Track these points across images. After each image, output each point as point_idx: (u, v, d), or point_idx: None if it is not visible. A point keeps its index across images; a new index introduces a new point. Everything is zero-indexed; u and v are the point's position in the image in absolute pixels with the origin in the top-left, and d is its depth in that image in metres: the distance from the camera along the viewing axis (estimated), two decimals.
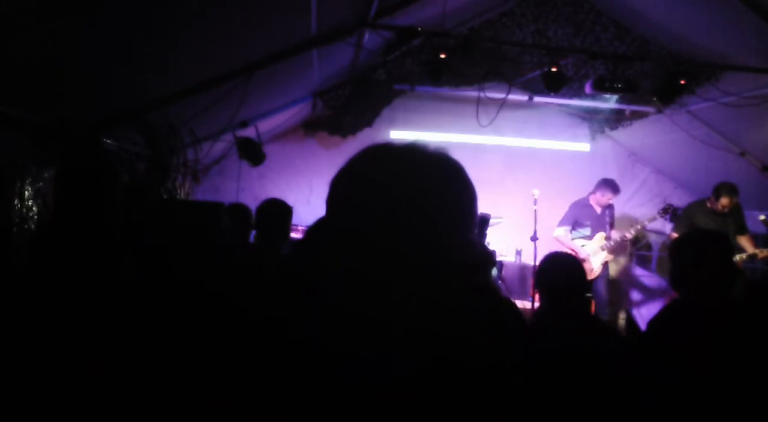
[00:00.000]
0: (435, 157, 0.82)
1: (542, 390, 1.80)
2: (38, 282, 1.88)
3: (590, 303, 5.34)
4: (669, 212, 5.92)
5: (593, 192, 6.01)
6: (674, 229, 5.81)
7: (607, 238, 5.92)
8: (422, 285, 0.75)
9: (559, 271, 2.50)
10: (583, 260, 5.68)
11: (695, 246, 2.22)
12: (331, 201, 0.82)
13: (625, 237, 5.97)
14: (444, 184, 0.80)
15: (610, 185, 5.91)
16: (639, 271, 7.14)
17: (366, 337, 0.73)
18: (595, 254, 5.83)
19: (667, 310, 2.29)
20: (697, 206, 5.71)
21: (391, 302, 0.74)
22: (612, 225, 6.04)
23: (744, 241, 5.48)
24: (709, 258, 2.14)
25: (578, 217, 6.01)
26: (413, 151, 0.82)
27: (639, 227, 5.98)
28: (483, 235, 3.35)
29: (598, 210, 6.01)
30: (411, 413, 0.70)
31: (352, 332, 0.73)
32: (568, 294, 2.44)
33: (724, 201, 5.33)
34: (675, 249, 2.28)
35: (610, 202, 5.97)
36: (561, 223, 6.07)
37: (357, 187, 0.79)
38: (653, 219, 5.93)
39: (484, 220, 3.37)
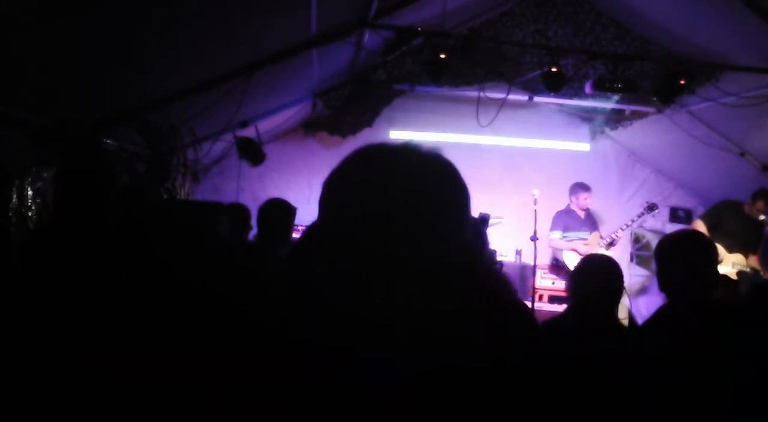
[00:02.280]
0: (430, 158, 0.81)
1: (544, 391, 1.80)
2: (37, 282, 1.88)
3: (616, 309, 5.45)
4: (654, 210, 6.24)
5: (570, 199, 6.36)
6: (702, 220, 5.94)
7: (602, 237, 6.22)
8: (423, 287, 0.75)
9: (591, 276, 2.44)
10: None
11: (676, 248, 2.22)
12: (326, 203, 0.80)
13: (614, 238, 6.22)
14: (441, 185, 0.79)
15: (579, 186, 6.29)
16: (639, 271, 7.14)
17: (368, 339, 0.73)
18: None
19: (658, 313, 2.29)
20: (729, 205, 5.82)
21: (393, 304, 0.74)
22: (597, 229, 6.40)
23: (753, 261, 5.62)
24: (689, 261, 2.14)
25: (567, 223, 6.27)
26: (407, 151, 0.81)
27: (629, 223, 6.27)
28: (484, 235, 3.34)
29: (582, 214, 6.32)
30: (414, 415, 0.70)
31: (354, 334, 0.73)
32: (594, 300, 2.39)
33: (760, 205, 5.50)
34: (657, 251, 2.28)
35: (587, 201, 6.27)
36: (553, 228, 6.28)
37: (353, 189, 0.78)
38: (640, 215, 6.23)
39: (484, 220, 3.36)
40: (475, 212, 2.35)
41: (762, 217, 5.64)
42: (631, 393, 1.88)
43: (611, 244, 6.18)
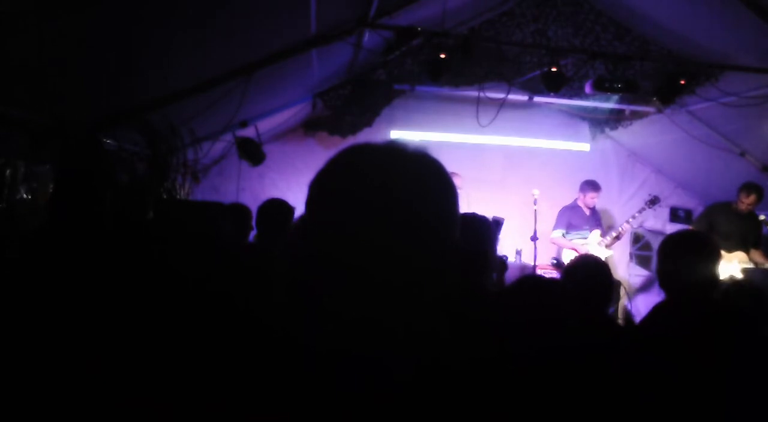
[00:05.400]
0: (420, 157, 0.80)
1: (543, 390, 1.80)
2: (34, 282, 1.88)
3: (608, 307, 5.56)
4: (656, 203, 6.19)
5: (578, 195, 6.33)
6: (693, 227, 5.96)
7: (602, 235, 6.21)
8: (423, 285, 0.75)
9: (584, 274, 2.52)
10: None
11: (678, 247, 2.23)
12: (318, 203, 0.79)
13: (620, 232, 6.19)
14: (433, 183, 0.79)
15: (591, 184, 6.27)
16: (638, 271, 7.15)
17: (365, 338, 0.73)
18: (594, 252, 5.89)
19: (655, 309, 2.30)
20: (719, 207, 5.82)
21: (393, 303, 0.74)
22: (601, 225, 6.37)
23: (756, 255, 5.56)
24: (690, 259, 2.15)
25: (571, 220, 6.26)
26: (397, 150, 0.80)
27: (630, 219, 6.23)
28: (496, 239, 3.37)
29: (587, 211, 6.32)
30: (410, 414, 0.70)
31: (351, 332, 0.73)
32: (587, 298, 2.44)
33: (748, 199, 5.47)
34: (660, 249, 2.29)
35: (594, 200, 6.27)
36: (556, 227, 6.30)
37: (350, 188, 0.77)
38: (642, 210, 6.17)
39: (498, 223, 3.36)
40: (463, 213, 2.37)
41: (762, 217, 5.63)
42: (627, 389, 1.88)
43: (617, 238, 6.18)
